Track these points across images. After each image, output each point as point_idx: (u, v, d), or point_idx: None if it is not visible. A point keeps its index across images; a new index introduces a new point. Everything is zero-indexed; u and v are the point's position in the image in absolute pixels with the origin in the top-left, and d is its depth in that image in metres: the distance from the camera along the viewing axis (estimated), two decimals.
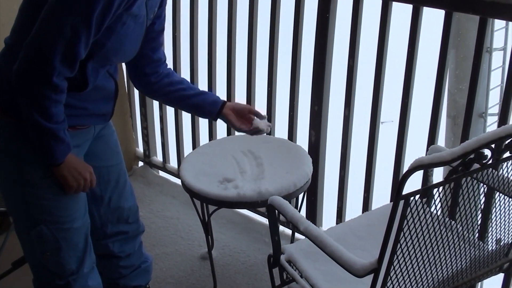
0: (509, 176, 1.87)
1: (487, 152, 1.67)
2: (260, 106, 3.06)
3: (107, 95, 2.15)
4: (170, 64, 2.44)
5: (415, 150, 3.50)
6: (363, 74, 2.94)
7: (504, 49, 7.50)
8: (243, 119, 2.44)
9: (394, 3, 2.53)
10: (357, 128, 2.86)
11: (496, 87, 7.64)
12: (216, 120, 2.46)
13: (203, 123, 3.48)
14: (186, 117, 3.55)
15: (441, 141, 3.12)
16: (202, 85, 3.25)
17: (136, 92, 3.74)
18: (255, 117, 2.43)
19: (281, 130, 3.11)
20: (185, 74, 3.38)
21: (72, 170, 2.01)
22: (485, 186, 1.93)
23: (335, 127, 2.95)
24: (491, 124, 7.42)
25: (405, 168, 2.62)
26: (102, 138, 2.32)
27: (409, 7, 2.49)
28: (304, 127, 2.99)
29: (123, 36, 1.95)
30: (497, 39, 6.55)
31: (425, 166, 1.54)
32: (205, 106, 2.38)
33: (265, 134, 2.49)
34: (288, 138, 3.02)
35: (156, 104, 3.69)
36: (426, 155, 2.35)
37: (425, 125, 2.59)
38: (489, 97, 7.40)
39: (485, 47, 2.34)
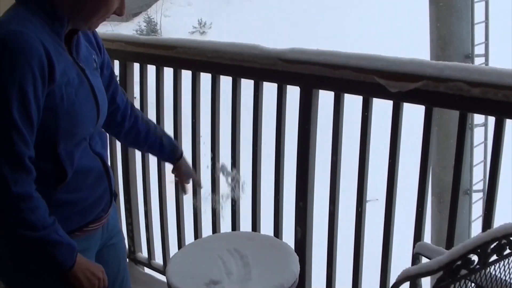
0: (497, 275, 1.85)
1: (474, 257, 1.66)
2: (245, 203, 3.06)
3: (98, 175, 2.07)
4: None
5: (404, 230, 3.47)
6: (348, 153, 2.94)
7: (485, 125, 7.63)
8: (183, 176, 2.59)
9: (374, 99, 2.56)
10: (344, 210, 2.84)
11: (479, 163, 7.72)
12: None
13: (188, 217, 3.45)
14: (171, 212, 3.52)
15: (427, 220, 3.11)
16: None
17: (121, 188, 3.71)
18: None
19: (266, 226, 3.08)
20: None
21: (85, 271, 1.95)
22: (474, 285, 1.92)
23: (321, 222, 2.93)
24: (477, 201, 7.46)
25: (393, 263, 2.65)
26: (114, 246, 2.29)
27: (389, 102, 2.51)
28: (290, 223, 2.96)
29: (70, 106, 1.88)
30: (478, 115, 6.63)
31: (412, 277, 1.53)
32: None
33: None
34: (274, 234, 2.99)
35: (140, 199, 3.66)
36: (413, 252, 2.35)
37: (411, 200, 2.57)
38: (473, 174, 7.47)
39: (467, 124, 2.36)
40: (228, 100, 3.04)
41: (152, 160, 3.46)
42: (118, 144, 3.60)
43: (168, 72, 3.22)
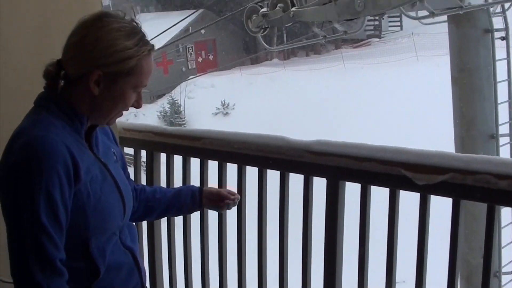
0: None
1: None
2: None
3: (129, 270, 2.08)
4: None
5: None
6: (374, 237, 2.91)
7: None
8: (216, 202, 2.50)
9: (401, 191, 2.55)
10: None
11: (508, 244, 7.60)
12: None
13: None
14: (196, 284, 3.49)
15: None
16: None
17: (146, 264, 3.70)
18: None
19: None
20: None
21: None
22: None
23: None
24: (507, 284, 7.32)
25: None
26: None
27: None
28: None
29: (97, 202, 1.90)
30: None
31: None
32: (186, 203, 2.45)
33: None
34: None
35: (166, 274, 3.64)
36: None
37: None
38: (501, 255, 7.34)
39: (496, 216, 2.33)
40: (255, 189, 3.05)
41: (178, 245, 3.46)
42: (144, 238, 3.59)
43: (195, 161, 3.25)
